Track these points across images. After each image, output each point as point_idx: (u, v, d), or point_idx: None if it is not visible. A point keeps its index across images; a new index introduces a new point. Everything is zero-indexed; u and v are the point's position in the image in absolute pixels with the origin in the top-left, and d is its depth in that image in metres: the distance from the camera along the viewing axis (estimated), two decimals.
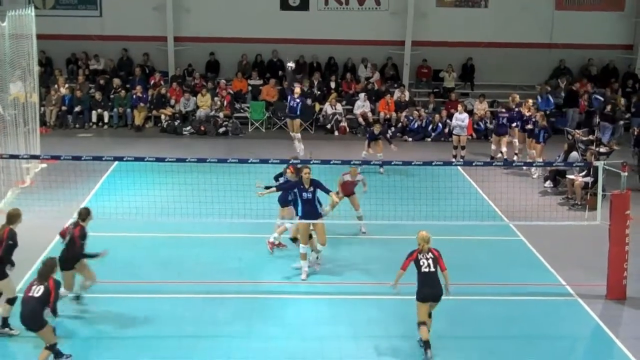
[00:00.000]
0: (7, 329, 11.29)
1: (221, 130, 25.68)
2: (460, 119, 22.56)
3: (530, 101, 22.52)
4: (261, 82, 27.74)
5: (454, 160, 21.79)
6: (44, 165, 19.93)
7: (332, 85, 27.67)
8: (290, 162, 14.29)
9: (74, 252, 11.91)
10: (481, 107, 26.01)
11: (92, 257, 12.02)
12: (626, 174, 13.15)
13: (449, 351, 10.97)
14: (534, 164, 19.90)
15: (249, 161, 14.15)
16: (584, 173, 18.34)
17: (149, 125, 26.37)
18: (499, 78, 27.82)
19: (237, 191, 15.08)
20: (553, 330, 11.91)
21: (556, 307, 12.81)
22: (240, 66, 28.24)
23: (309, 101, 26.21)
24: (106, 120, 26.31)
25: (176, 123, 25.90)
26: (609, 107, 24.82)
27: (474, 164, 16.42)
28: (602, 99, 26.20)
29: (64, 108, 26.08)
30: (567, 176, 18.93)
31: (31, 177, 19.14)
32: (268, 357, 10.89)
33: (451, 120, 23.49)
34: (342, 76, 28.23)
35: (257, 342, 11.28)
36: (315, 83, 27.37)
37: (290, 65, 17.50)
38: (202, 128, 25.70)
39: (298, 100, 20.70)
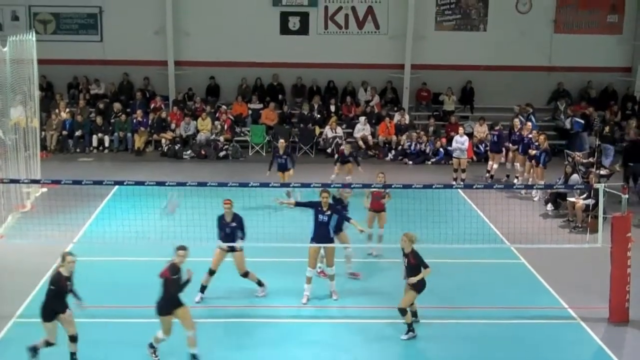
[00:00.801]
0: None
1: (222, 154, 25.71)
2: (461, 142, 22.60)
3: (529, 124, 22.59)
4: (261, 105, 27.82)
5: (454, 183, 21.79)
6: (45, 189, 19.93)
7: (332, 108, 27.74)
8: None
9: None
10: (481, 130, 26.05)
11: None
12: (627, 196, 13.16)
13: None
14: (535, 187, 19.91)
15: (250, 185, 14.16)
16: (584, 195, 18.34)
17: (149, 150, 26.41)
18: (499, 101, 27.87)
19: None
20: (555, 354, 11.85)
21: (558, 330, 12.75)
22: (240, 90, 28.34)
23: (309, 125, 26.40)
24: (107, 144, 26.36)
25: (177, 147, 25.94)
26: (607, 129, 24.86)
27: (474, 186, 16.45)
28: (582, 122, 26.25)
29: (64, 132, 26.14)
30: (568, 199, 18.93)
31: (32, 201, 19.14)
32: None
33: (451, 145, 23.55)
34: (342, 100, 28.31)
35: None
36: (315, 107, 27.44)
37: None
38: (203, 152, 25.74)
39: (285, 157, 20.30)
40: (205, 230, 14.55)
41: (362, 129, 26.66)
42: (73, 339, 11.10)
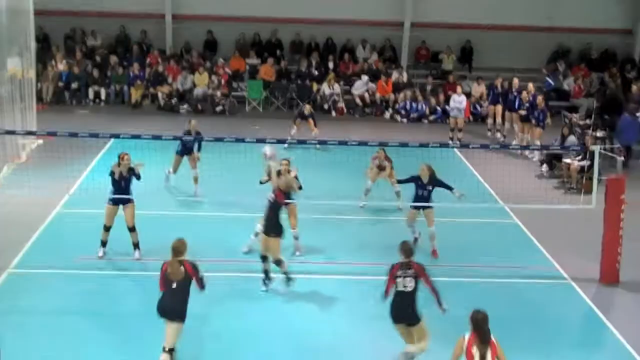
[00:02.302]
0: None
1: (218, 108, 25.63)
2: (458, 101, 22.58)
3: (531, 85, 22.52)
4: (259, 61, 27.64)
5: (450, 142, 21.77)
6: (40, 141, 19.91)
7: (330, 65, 27.58)
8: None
9: None
10: (479, 90, 25.96)
11: None
12: (622, 158, 13.19)
13: (440, 333, 10.99)
14: (531, 147, 19.92)
15: (246, 140, 14.16)
16: (580, 157, 18.37)
17: (145, 103, 26.27)
18: (498, 61, 27.68)
19: (229, 170, 15.09)
20: (546, 313, 11.97)
21: (549, 290, 12.88)
22: (238, 45, 28.14)
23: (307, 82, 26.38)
24: (103, 97, 26.23)
25: (173, 101, 25.84)
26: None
27: (470, 146, 16.41)
28: (552, 82, 26.15)
29: (61, 84, 26.00)
30: (564, 160, 18.95)
31: (27, 153, 19.13)
32: (260, 335, 10.94)
33: (448, 104, 23.53)
34: (340, 57, 28.13)
35: (247, 321, 11.34)
36: (314, 63, 27.28)
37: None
38: (199, 106, 25.65)
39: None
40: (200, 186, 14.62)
41: (364, 87, 26.51)
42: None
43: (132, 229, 13.30)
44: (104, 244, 13.34)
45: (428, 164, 13.81)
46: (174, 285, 9.54)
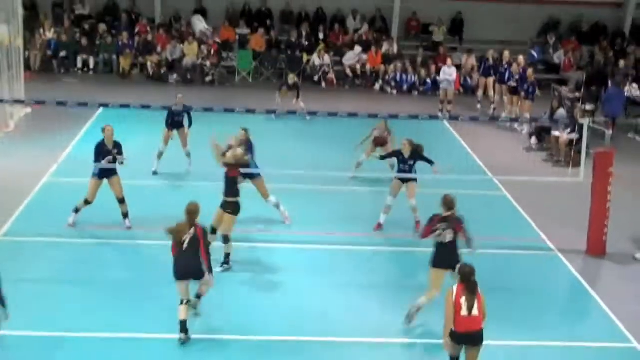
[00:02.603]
0: None
1: (208, 79, 25.50)
2: (448, 73, 22.57)
3: (521, 57, 22.49)
4: (249, 31, 27.46)
5: (440, 114, 21.80)
6: (29, 110, 19.79)
7: (321, 36, 27.44)
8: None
9: None
10: (469, 62, 25.92)
11: None
12: (611, 132, 13.24)
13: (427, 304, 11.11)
14: (520, 120, 19.96)
15: (236, 111, 14.13)
16: (569, 130, 18.41)
17: (135, 72, 26.10)
18: (489, 33, 27.60)
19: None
20: (533, 285, 12.08)
21: (536, 261, 12.99)
22: (227, 14, 27.94)
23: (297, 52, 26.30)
24: (92, 66, 26.04)
25: (162, 71, 25.69)
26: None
27: (460, 118, 16.43)
28: (536, 55, 26.19)
29: (49, 53, 25.78)
30: (553, 133, 19.00)
31: (15, 122, 19.02)
32: (253, 305, 11.00)
33: (438, 75, 23.50)
34: (331, 27, 27.99)
35: (242, 289, 11.39)
36: (304, 34, 27.13)
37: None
38: (189, 76, 25.51)
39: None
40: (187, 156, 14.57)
41: (355, 58, 26.40)
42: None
43: (121, 201, 13.26)
44: (77, 210, 13.21)
45: (409, 139, 13.78)
46: (185, 247, 9.87)
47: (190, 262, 9.93)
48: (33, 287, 11.08)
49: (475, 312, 8.54)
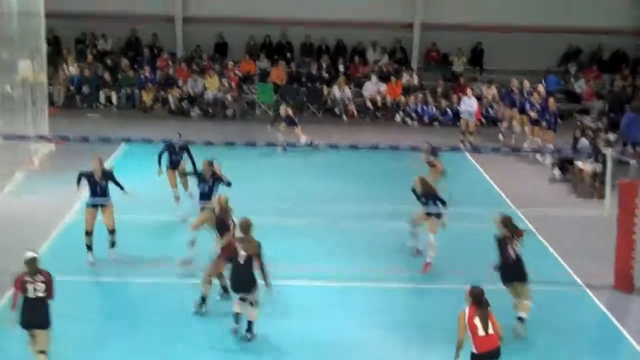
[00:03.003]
0: None
1: (229, 112, 25.63)
2: (469, 104, 22.51)
3: (541, 87, 22.42)
4: (269, 64, 27.62)
5: (461, 145, 21.72)
6: (52, 146, 19.93)
7: (341, 68, 27.54)
8: None
9: None
10: (489, 93, 25.87)
11: None
12: (635, 161, 13.10)
13: (449, 340, 10.96)
14: (543, 150, 19.84)
15: (256, 144, 14.18)
16: (592, 160, 18.25)
17: (156, 107, 26.30)
18: (509, 63, 27.57)
19: (242, 175, 15.02)
20: (559, 320, 11.90)
21: (563, 296, 12.80)
22: (248, 48, 28.14)
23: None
24: (114, 100, 26.27)
25: (184, 104, 25.86)
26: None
27: (482, 150, 16.36)
28: (549, 84, 26.10)
29: (72, 88, 26.06)
30: (576, 163, 18.85)
31: (39, 158, 19.14)
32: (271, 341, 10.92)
33: (459, 105, 23.46)
34: (351, 59, 28.09)
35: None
36: (324, 66, 27.24)
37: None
38: (210, 110, 25.66)
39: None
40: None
41: (373, 87, 26.45)
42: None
43: (111, 232, 13.33)
44: (89, 247, 13.25)
45: (420, 176, 13.72)
46: (241, 261, 10.44)
47: (246, 276, 10.44)
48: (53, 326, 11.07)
49: (490, 330, 8.86)
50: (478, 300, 8.99)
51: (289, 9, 27.72)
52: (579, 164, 18.61)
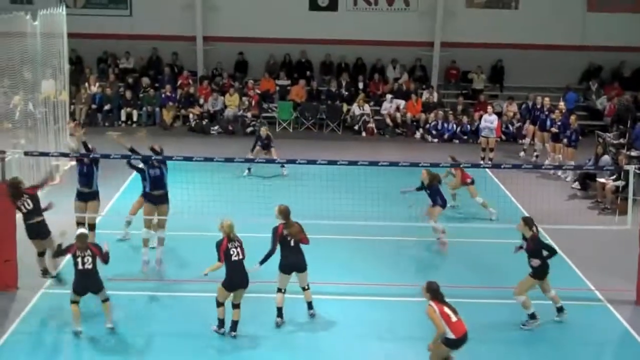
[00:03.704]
0: None
1: (249, 130, 25.73)
2: (490, 120, 22.45)
3: (562, 104, 22.33)
4: (289, 82, 27.75)
5: (482, 162, 21.65)
6: (73, 162, 20.05)
7: (360, 86, 27.60)
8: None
9: None
10: (510, 109, 25.79)
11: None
12: None
13: (475, 354, 10.86)
14: (564, 167, 19.71)
15: (276, 161, 14.18)
16: (614, 177, 18.12)
17: (177, 124, 26.49)
18: (529, 80, 27.53)
19: (261, 191, 15.03)
20: (581, 336, 11.79)
21: (584, 312, 12.66)
22: (268, 66, 28.29)
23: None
24: (135, 119, 26.48)
25: (204, 122, 26.01)
26: None
27: (502, 166, 16.26)
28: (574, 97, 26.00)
29: (93, 106, 26.30)
30: (598, 179, 18.71)
31: (60, 174, 19.30)
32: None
33: (480, 124, 23.38)
34: (370, 77, 28.15)
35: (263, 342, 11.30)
36: (343, 84, 27.32)
37: None
38: (230, 127, 25.79)
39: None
40: (231, 206, 14.64)
41: (389, 105, 26.49)
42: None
43: (90, 227, 13.49)
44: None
45: (427, 169, 14.95)
46: (292, 244, 11.57)
47: (300, 257, 11.67)
48: (74, 340, 11.12)
49: (458, 315, 9.67)
50: (436, 293, 9.70)
51: (309, 29, 27.90)
52: (601, 180, 18.47)
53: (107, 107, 26.32)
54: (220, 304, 11.28)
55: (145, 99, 26.56)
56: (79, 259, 11.03)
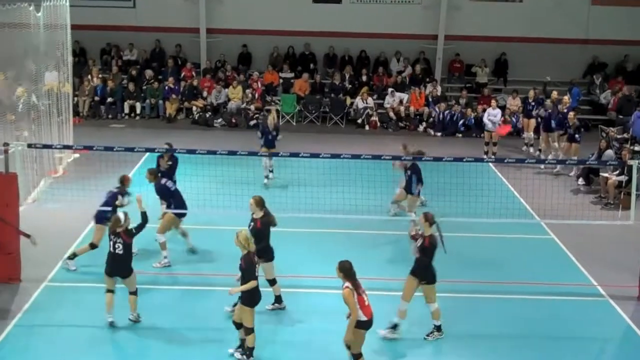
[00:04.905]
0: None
1: (252, 122, 25.73)
2: (493, 114, 22.40)
3: (566, 98, 22.25)
4: (292, 75, 27.72)
5: (485, 156, 21.60)
6: (77, 155, 20.13)
7: (364, 79, 27.57)
8: None
9: None
10: (514, 103, 25.74)
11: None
12: None
13: (477, 350, 10.88)
14: (567, 162, 19.67)
15: (280, 155, 14.18)
16: (617, 172, 18.09)
17: (180, 117, 26.50)
18: (533, 74, 27.43)
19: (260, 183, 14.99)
20: (583, 331, 11.78)
21: (586, 307, 12.65)
22: (271, 58, 28.26)
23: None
24: (138, 111, 26.49)
25: (207, 115, 26.00)
26: None
27: (505, 160, 16.25)
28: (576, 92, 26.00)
29: (96, 98, 26.30)
30: (601, 174, 18.68)
31: (64, 166, 19.34)
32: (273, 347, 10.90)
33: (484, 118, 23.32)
34: (374, 70, 28.11)
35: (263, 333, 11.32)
36: (347, 77, 27.28)
37: None
38: (234, 120, 25.78)
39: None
40: (234, 199, 14.65)
41: (391, 99, 26.47)
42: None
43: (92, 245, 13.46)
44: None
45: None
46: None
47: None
48: (77, 333, 11.15)
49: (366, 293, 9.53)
50: (350, 272, 9.39)
51: (313, 21, 27.85)
52: (605, 174, 18.44)
53: (110, 99, 26.31)
54: (252, 330, 10.36)
55: (149, 91, 26.55)
56: (112, 243, 11.23)
